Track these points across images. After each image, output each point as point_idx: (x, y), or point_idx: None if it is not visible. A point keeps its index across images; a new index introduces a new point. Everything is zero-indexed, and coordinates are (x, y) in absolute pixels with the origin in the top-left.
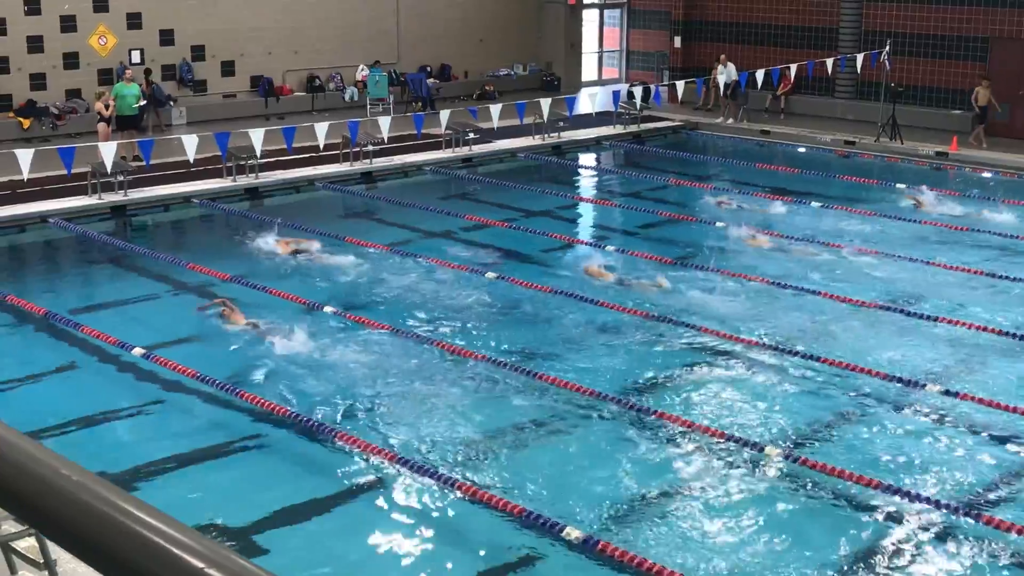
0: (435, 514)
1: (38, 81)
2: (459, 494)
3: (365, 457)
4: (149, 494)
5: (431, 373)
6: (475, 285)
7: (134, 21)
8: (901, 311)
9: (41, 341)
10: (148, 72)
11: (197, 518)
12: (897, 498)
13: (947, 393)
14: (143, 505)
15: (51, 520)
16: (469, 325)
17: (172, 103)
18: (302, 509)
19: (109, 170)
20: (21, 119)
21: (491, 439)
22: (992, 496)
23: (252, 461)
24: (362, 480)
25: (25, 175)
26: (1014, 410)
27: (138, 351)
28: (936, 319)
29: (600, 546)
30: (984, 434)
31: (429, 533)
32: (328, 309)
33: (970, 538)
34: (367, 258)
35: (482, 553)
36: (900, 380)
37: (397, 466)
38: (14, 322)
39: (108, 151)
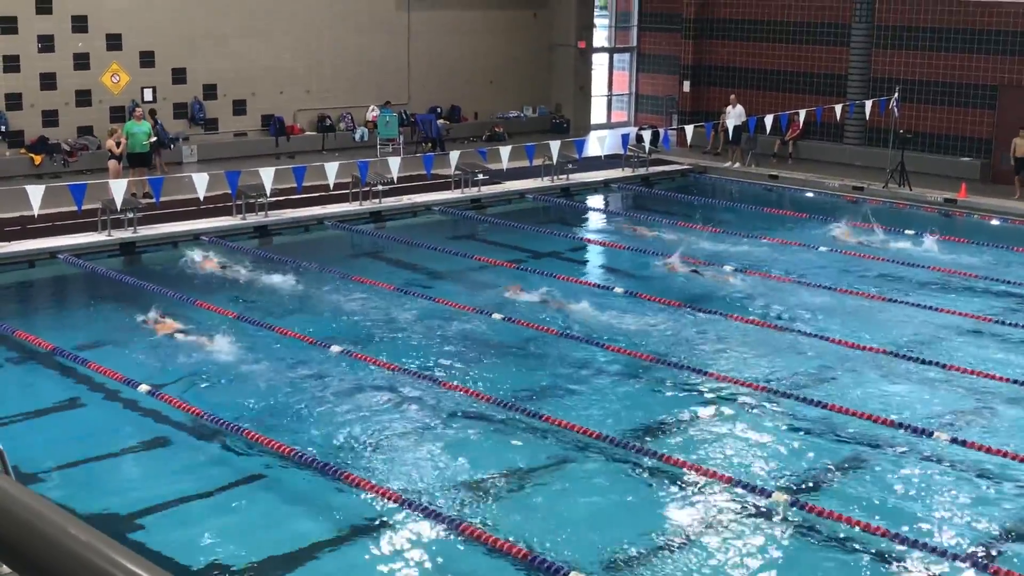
0: (438, 555)
1: (50, 118)
2: (463, 535)
3: (369, 497)
4: (153, 532)
5: (436, 413)
6: (481, 325)
7: (147, 59)
8: (910, 358)
9: (47, 377)
10: (153, 112)
11: (201, 557)
12: (905, 546)
13: (955, 441)
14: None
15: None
16: (476, 365)
17: (174, 144)
18: (306, 549)
19: (119, 207)
20: (33, 155)
21: (495, 480)
22: (1000, 546)
23: (256, 500)
24: (366, 520)
25: (36, 211)
26: (1018, 458)
27: (144, 388)
28: (945, 366)
29: None
30: (992, 482)
31: (430, 573)
32: (335, 348)
33: None
34: (374, 297)
35: None
36: (908, 427)
37: (401, 506)
38: (21, 357)
39: (119, 188)
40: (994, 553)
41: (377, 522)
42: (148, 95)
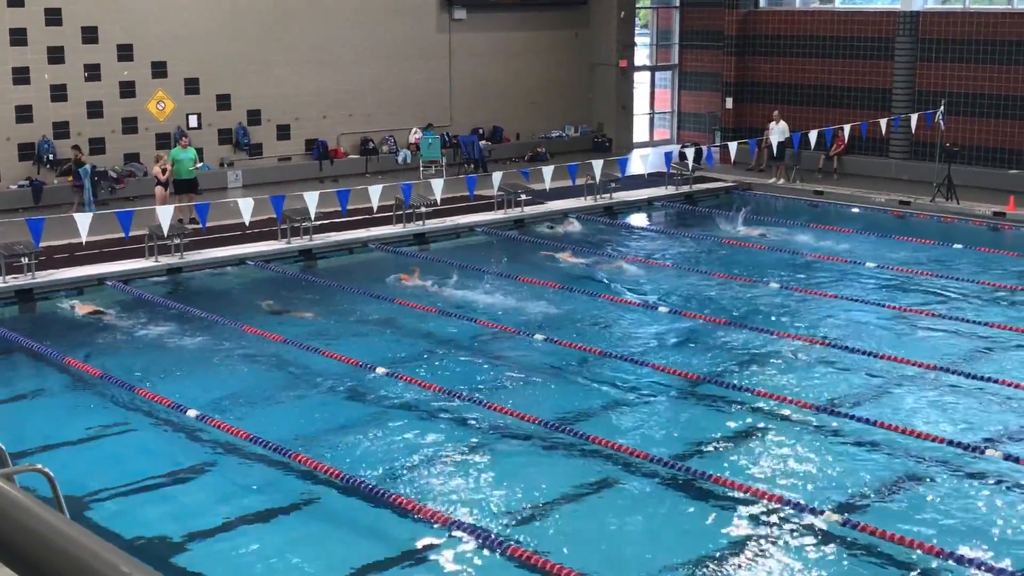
0: None
1: (97, 146)
2: (511, 557)
3: (416, 519)
4: (203, 558)
5: (481, 435)
6: (525, 347)
7: (191, 86)
8: (960, 372)
9: (97, 403)
10: (76, 148)
11: None
12: (958, 565)
13: (1008, 458)
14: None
15: None
16: (519, 386)
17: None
18: (352, 573)
19: (166, 233)
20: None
21: (542, 502)
22: None
23: (304, 524)
24: (413, 543)
25: (84, 238)
26: None
27: (192, 413)
28: (996, 380)
29: None
30: None
31: None
32: (380, 370)
33: None
34: (417, 318)
35: None
36: (960, 444)
37: (449, 528)
38: (70, 384)
39: (165, 214)
40: None
41: (425, 545)
42: (193, 121)
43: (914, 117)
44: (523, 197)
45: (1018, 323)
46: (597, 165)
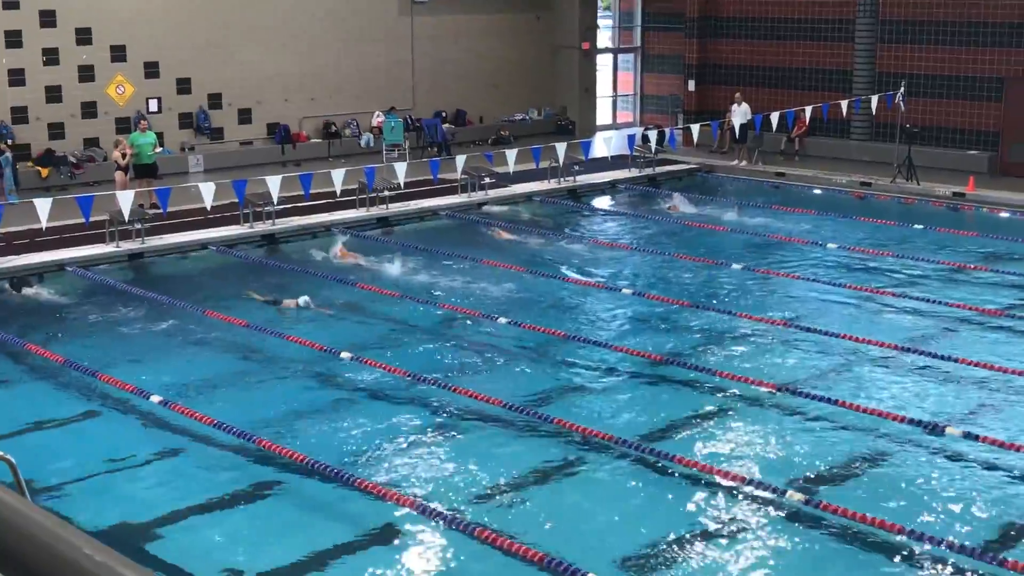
0: (453, 561)
1: (56, 131)
2: (477, 539)
3: (382, 503)
4: (168, 542)
5: (446, 418)
6: (488, 329)
7: (151, 70)
8: (920, 352)
9: (59, 389)
10: None
11: (215, 567)
12: (919, 541)
13: (967, 435)
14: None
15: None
16: (484, 369)
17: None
18: (320, 556)
19: (127, 218)
20: (40, 168)
21: (508, 484)
22: (1015, 538)
23: (270, 508)
24: (380, 526)
25: (44, 224)
26: None
27: (156, 399)
28: (957, 360)
29: None
30: (1004, 475)
31: None
32: (345, 354)
33: None
34: (381, 303)
35: None
36: (921, 423)
37: (415, 512)
38: (32, 370)
39: (125, 199)
40: (1008, 546)
41: (391, 528)
42: (153, 106)
43: (875, 99)
44: (487, 180)
45: (977, 302)
46: (561, 148)
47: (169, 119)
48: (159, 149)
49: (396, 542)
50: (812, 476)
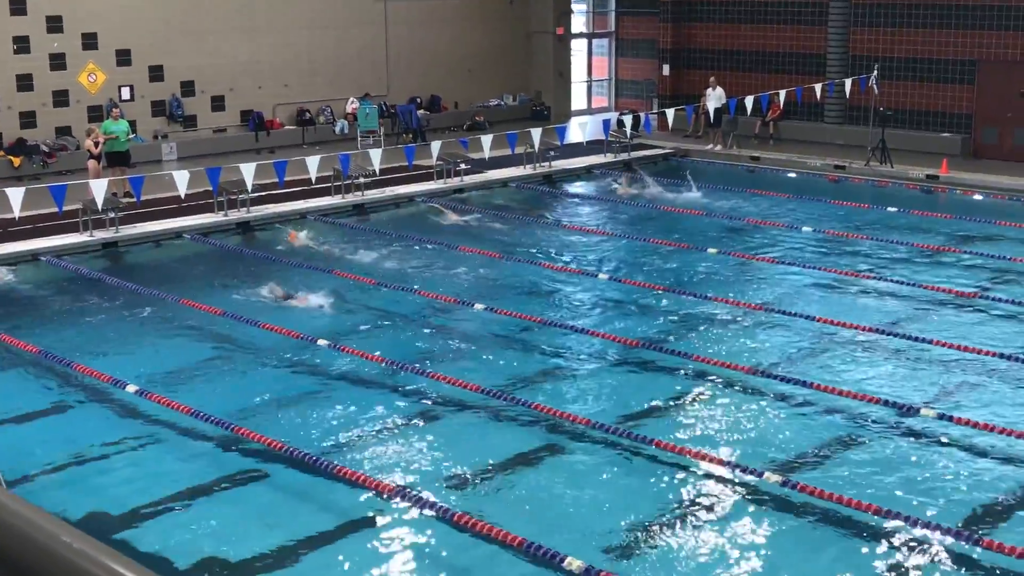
0: (433, 546)
1: (28, 119)
2: (458, 525)
3: (362, 490)
4: (147, 533)
5: (425, 405)
6: (465, 316)
7: (123, 58)
8: (895, 334)
9: (34, 380)
10: None
11: (194, 556)
12: (895, 521)
13: (941, 416)
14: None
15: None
16: (461, 356)
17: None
18: (299, 544)
19: (100, 207)
20: (12, 157)
21: (487, 470)
22: (989, 519)
23: (249, 497)
24: (360, 513)
25: (16, 213)
26: (1009, 432)
27: (132, 388)
28: (931, 341)
29: None
30: (978, 455)
31: (427, 565)
32: (322, 342)
33: (968, 562)
34: (358, 290)
35: None
36: (896, 405)
37: (395, 498)
38: (7, 361)
39: (99, 188)
40: (983, 525)
41: (371, 515)
42: (125, 93)
43: (848, 82)
44: (462, 166)
45: (951, 284)
46: (536, 133)
47: (142, 107)
48: (132, 137)
49: (375, 529)
50: (789, 458)
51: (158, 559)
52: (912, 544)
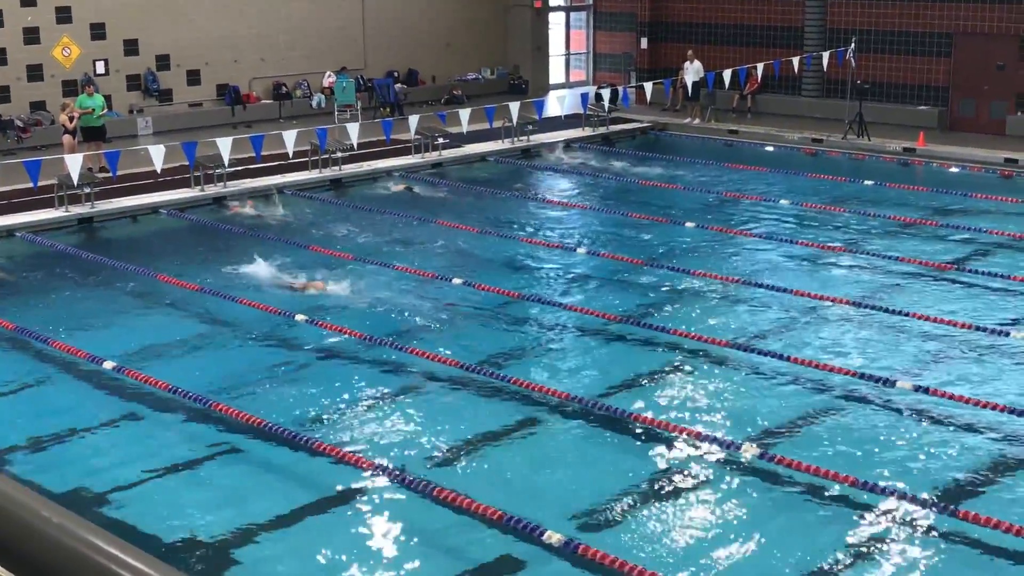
0: (412, 520)
1: (2, 94)
2: (437, 500)
3: (340, 465)
4: (123, 509)
5: (402, 380)
6: (443, 290)
7: (98, 31)
8: (872, 307)
9: (11, 357)
10: None
11: (175, 533)
12: (871, 493)
13: (918, 389)
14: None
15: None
16: (439, 331)
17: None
18: (278, 520)
19: (76, 182)
20: None
21: (465, 444)
22: (965, 489)
23: (227, 472)
24: (338, 488)
25: None
26: (985, 404)
27: (109, 364)
28: (907, 314)
29: (580, 549)
30: (954, 427)
31: (406, 540)
32: (299, 317)
33: (943, 532)
34: (336, 265)
35: (461, 558)
36: (872, 377)
37: (373, 473)
38: None
39: (74, 163)
40: (959, 496)
41: (350, 490)
42: (100, 68)
43: (826, 55)
44: (440, 141)
45: (928, 257)
46: (514, 107)
47: (117, 81)
48: (107, 112)
49: (354, 504)
50: (767, 430)
51: (136, 534)
52: (888, 515)
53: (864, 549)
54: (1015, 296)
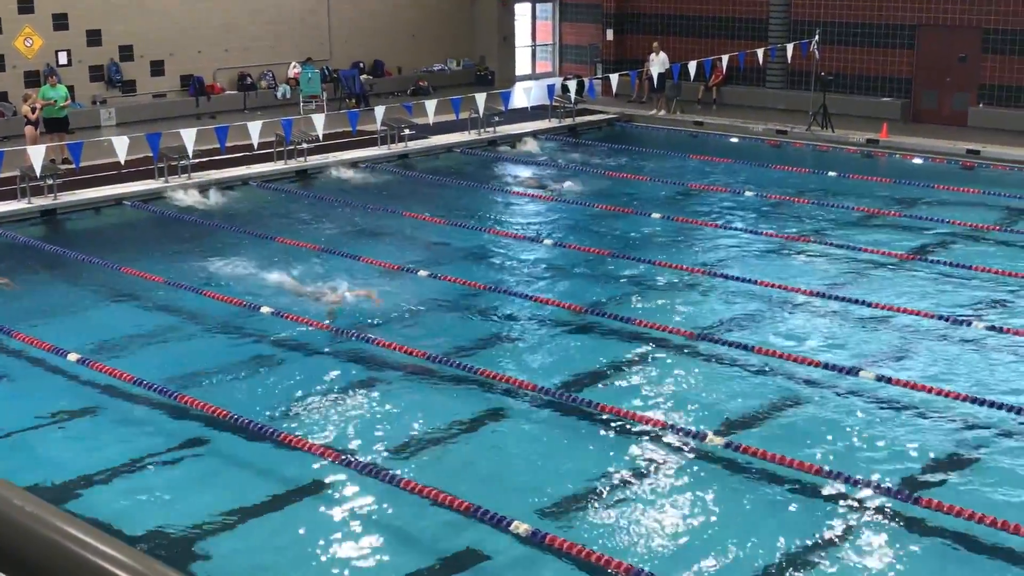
0: (379, 512)
1: None
2: (404, 491)
3: (306, 456)
4: (89, 502)
5: (369, 372)
6: (409, 283)
7: (60, 22)
8: (835, 297)
9: None
10: None
11: (139, 526)
12: (835, 481)
13: (880, 379)
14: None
15: None
16: (407, 322)
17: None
18: (244, 512)
19: (38, 174)
20: None
21: (433, 435)
22: (926, 477)
23: (192, 465)
24: (304, 480)
25: None
26: (947, 393)
27: (73, 357)
28: (870, 304)
29: (547, 539)
30: (916, 416)
31: (374, 532)
32: (265, 310)
33: (907, 520)
34: (302, 257)
35: (429, 550)
36: (835, 367)
37: (339, 464)
38: None
39: (36, 154)
40: (920, 484)
41: (317, 482)
42: (63, 58)
43: (790, 47)
44: (407, 132)
45: (890, 247)
46: (480, 99)
47: (80, 72)
48: (70, 103)
49: (321, 496)
50: (731, 420)
51: (102, 527)
52: (852, 504)
53: (827, 536)
54: (976, 286)
